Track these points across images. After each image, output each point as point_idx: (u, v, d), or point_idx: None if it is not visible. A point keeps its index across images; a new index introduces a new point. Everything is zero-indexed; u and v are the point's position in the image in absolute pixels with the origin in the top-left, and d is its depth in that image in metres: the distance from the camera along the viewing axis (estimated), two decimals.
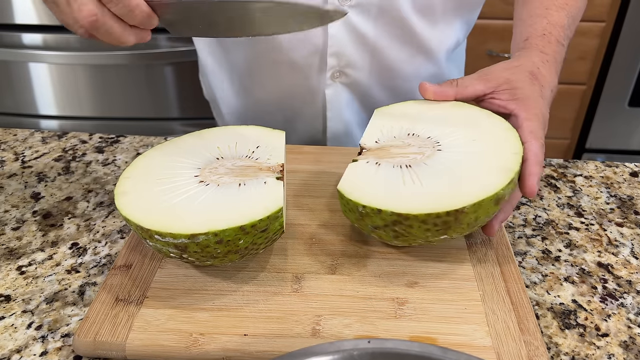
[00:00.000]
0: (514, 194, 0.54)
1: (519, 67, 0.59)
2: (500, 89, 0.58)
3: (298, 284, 0.52)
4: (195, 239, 0.45)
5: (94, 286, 0.54)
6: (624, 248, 0.60)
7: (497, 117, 0.56)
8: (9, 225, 0.62)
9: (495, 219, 0.54)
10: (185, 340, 0.46)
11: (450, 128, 0.56)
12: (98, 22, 0.48)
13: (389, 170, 0.52)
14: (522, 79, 0.58)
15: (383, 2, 0.72)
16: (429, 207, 0.47)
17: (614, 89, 1.75)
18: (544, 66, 0.60)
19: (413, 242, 0.51)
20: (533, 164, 0.52)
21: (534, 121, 0.55)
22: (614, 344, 0.48)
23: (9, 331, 0.49)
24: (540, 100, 0.57)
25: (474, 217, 0.48)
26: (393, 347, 0.36)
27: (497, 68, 0.60)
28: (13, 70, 1.61)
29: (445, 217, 0.47)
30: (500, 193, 0.48)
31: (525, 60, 0.61)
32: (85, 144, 0.77)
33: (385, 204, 0.48)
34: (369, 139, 0.57)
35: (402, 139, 0.56)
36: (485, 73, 0.59)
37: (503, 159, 0.51)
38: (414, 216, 0.47)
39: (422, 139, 0.56)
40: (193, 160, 0.54)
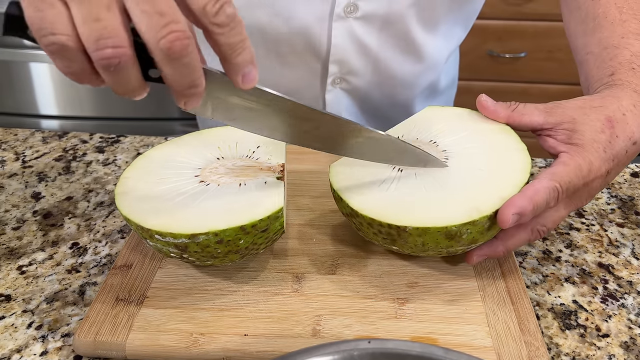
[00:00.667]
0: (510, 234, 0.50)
1: (596, 108, 0.50)
2: (560, 128, 0.50)
3: (298, 284, 0.52)
4: (196, 238, 0.45)
5: (94, 286, 0.54)
6: (625, 249, 0.59)
7: (526, 159, 0.51)
8: (9, 225, 0.62)
9: (475, 252, 0.51)
10: (185, 340, 0.46)
11: (470, 149, 0.53)
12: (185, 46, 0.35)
13: (380, 168, 0.52)
14: (591, 123, 0.49)
15: (388, 15, 0.71)
16: (376, 212, 0.48)
17: None
18: (634, 110, 0.51)
19: (370, 239, 0.51)
20: (521, 196, 0.46)
21: (569, 168, 0.48)
22: (615, 345, 0.48)
23: (9, 331, 0.49)
24: (600, 153, 0.48)
25: (420, 242, 0.47)
26: (394, 347, 0.36)
27: (570, 104, 0.52)
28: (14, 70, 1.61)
29: (387, 229, 0.47)
30: (450, 229, 0.45)
31: (611, 101, 0.51)
32: (86, 144, 0.77)
33: (348, 196, 0.50)
34: (395, 131, 0.57)
35: (420, 144, 0.55)
36: (554, 105, 0.52)
37: (482, 198, 0.47)
38: (362, 215, 0.48)
39: (437, 150, 0.54)
40: (193, 160, 0.54)
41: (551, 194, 0.47)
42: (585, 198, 0.51)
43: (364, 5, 0.70)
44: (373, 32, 0.73)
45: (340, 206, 0.52)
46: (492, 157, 0.52)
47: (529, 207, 0.46)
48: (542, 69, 1.74)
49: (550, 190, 0.46)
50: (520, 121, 0.53)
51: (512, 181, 0.49)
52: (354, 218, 0.50)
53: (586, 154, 0.49)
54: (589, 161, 0.48)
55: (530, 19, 1.66)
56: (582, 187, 0.49)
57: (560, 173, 0.47)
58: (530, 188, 0.47)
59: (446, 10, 0.74)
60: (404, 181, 0.51)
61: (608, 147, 0.49)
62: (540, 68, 1.74)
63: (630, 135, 0.50)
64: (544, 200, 0.46)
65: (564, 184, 0.47)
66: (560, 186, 0.47)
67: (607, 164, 0.49)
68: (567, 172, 0.48)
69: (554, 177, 0.47)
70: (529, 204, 0.46)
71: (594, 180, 0.49)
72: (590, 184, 0.49)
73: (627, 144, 0.50)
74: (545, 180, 0.47)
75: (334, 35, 0.72)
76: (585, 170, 0.48)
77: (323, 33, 0.72)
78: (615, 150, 0.49)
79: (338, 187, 0.51)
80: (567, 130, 0.50)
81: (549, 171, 0.48)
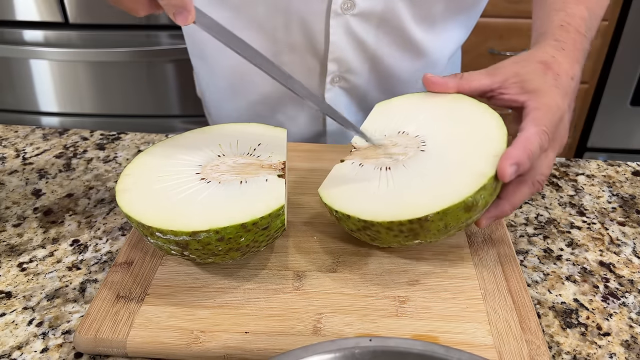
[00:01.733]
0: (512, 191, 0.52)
1: (528, 58, 0.56)
2: (509, 83, 0.55)
3: (299, 281, 0.51)
4: (197, 236, 0.45)
5: (95, 283, 0.54)
6: (626, 247, 0.59)
7: (493, 114, 0.53)
8: (10, 222, 0.62)
9: (485, 215, 0.52)
10: (186, 337, 0.46)
11: (440, 125, 0.54)
12: None
13: (369, 173, 0.52)
14: (532, 70, 0.55)
15: (384, 12, 0.72)
16: (393, 214, 0.47)
17: (616, 88, 1.74)
18: (560, 54, 0.56)
19: (389, 244, 0.51)
20: (514, 147, 0.48)
21: (543, 110, 0.51)
22: (616, 343, 0.48)
23: (10, 328, 0.49)
24: (554, 90, 0.53)
25: (442, 225, 0.47)
26: (395, 345, 0.36)
27: (506, 62, 0.57)
28: (14, 67, 1.61)
29: (409, 225, 0.47)
30: (468, 200, 0.46)
31: (537, 50, 0.57)
32: (86, 141, 0.77)
33: (354, 209, 0.49)
34: (358, 139, 0.57)
35: (392, 138, 0.55)
36: (494, 68, 0.57)
37: (481, 162, 0.48)
38: (379, 223, 0.47)
39: (410, 137, 0.54)
40: (194, 158, 0.54)
41: (542, 137, 0.50)
42: (563, 134, 0.54)
43: (360, 2, 0.70)
44: (370, 30, 0.73)
45: (346, 225, 0.51)
46: (463, 124, 0.53)
47: (524, 155, 0.48)
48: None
49: (540, 134, 0.49)
50: (470, 87, 0.56)
51: (495, 137, 0.50)
52: (368, 230, 0.49)
53: (547, 94, 0.52)
54: (553, 99, 0.52)
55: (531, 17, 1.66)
56: (559, 124, 0.53)
57: (540, 117, 0.51)
58: (520, 138, 0.49)
59: (443, 9, 0.74)
60: (396, 175, 0.51)
61: (557, 84, 0.54)
62: None
63: (567, 72, 0.55)
64: (537, 146, 0.49)
65: (547, 124, 0.50)
66: (547, 127, 0.50)
67: (565, 99, 0.54)
68: (544, 114, 0.51)
69: (537, 122, 0.50)
70: (524, 152, 0.48)
71: (564, 114, 0.53)
72: (562, 119, 0.53)
73: (568, 79, 0.55)
74: (532, 128, 0.49)
75: (331, 32, 0.72)
76: (554, 107, 0.52)
77: (321, 30, 0.72)
78: (563, 86, 0.54)
79: (340, 206, 0.50)
80: (516, 82, 0.54)
81: (529, 120, 0.51)
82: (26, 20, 1.54)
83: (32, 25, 1.55)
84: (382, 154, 0.54)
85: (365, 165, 0.53)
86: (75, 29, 1.55)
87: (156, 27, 1.55)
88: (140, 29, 1.55)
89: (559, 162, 0.74)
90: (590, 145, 1.86)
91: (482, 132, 0.52)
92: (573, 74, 0.56)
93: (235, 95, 0.83)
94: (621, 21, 1.65)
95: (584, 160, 0.75)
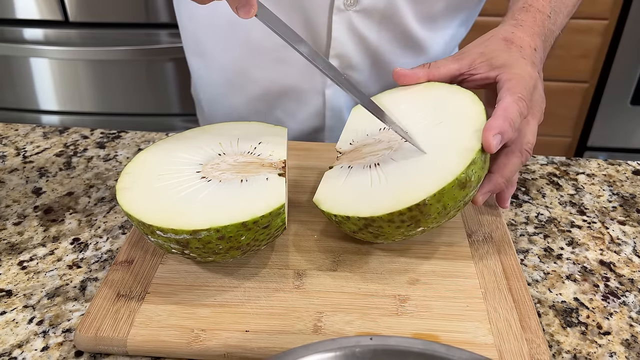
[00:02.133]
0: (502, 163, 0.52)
1: (490, 38, 0.58)
2: (477, 64, 0.56)
3: (300, 280, 0.51)
4: (197, 234, 0.45)
5: (95, 281, 0.54)
6: (626, 246, 0.59)
7: (466, 92, 0.54)
8: (10, 220, 0.62)
9: (479, 191, 0.52)
10: (186, 336, 0.46)
11: (418, 114, 0.55)
12: None
13: (359, 173, 0.52)
14: (496, 47, 0.56)
15: (386, 9, 0.72)
16: (390, 206, 0.47)
17: (616, 88, 1.74)
18: (518, 29, 0.58)
19: (394, 239, 0.51)
20: (495, 118, 0.49)
21: (515, 79, 0.52)
22: (616, 342, 0.48)
23: (10, 326, 0.49)
24: (522, 60, 0.55)
25: (440, 207, 0.47)
26: (396, 344, 0.36)
27: (469, 46, 0.59)
28: (14, 65, 1.61)
29: (409, 213, 0.47)
30: (461, 177, 0.47)
31: (497, 30, 0.59)
32: (87, 139, 0.77)
33: (352, 209, 0.49)
34: (344, 142, 0.57)
35: (374, 136, 0.56)
36: (459, 53, 0.59)
37: (465, 138, 0.49)
38: (379, 217, 0.48)
39: (392, 131, 0.55)
40: (195, 156, 0.54)
41: (519, 104, 0.51)
42: (540, 101, 0.56)
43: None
44: (372, 26, 0.73)
45: (346, 227, 0.51)
46: (440, 108, 0.54)
47: (506, 123, 0.49)
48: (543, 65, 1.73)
49: (517, 101, 0.50)
50: (439, 74, 0.57)
51: (473, 113, 0.51)
52: (370, 227, 0.49)
53: (516, 65, 0.54)
54: (523, 69, 0.54)
55: None
56: (534, 91, 0.54)
57: (514, 86, 0.52)
58: (499, 108, 0.50)
59: (444, 6, 0.74)
60: (387, 169, 0.51)
61: (523, 55, 0.55)
62: None
63: (529, 44, 0.57)
64: (517, 112, 0.50)
65: (523, 91, 0.51)
66: (522, 94, 0.51)
67: (534, 67, 0.55)
68: (518, 82, 0.52)
69: (512, 91, 0.51)
70: (504, 121, 0.49)
71: (537, 82, 0.54)
72: (536, 87, 0.54)
73: (531, 51, 0.57)
74: (508, 97, 0.51)
75: (334, 28, 0.72)
76: (526, 76, 0.53)
77: (323, 26, 0.73)
78: (529, 56, 0.56)
79: (338, 210, 0.50)
80: (483, 61, 0.56)
81: (504, 91, 0.52)
82: (26, 19, 1.54)
83: (32, 23, 1.55)
84: (368, 152, 0.54)
85: (354, 167, 0.53)
86: (76, 27, 1.55)
87: (156, 26, 1.54)
88: (140, 28, 1.54)
89: (560, 161, 0.74)
90: (591, 144, 1.86)
91: (460, 111, 0.52)
92: (535, 45, 0.58)
93: (234, 92, 0.83)
94: (621, 20, 1.65)
95: (584, 160, 0.75)
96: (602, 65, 1.73)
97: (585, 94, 1.78)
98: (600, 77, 1.75)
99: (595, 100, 1.79)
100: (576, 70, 1.73)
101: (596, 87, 1.77)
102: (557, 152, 1.88)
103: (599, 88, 1.76)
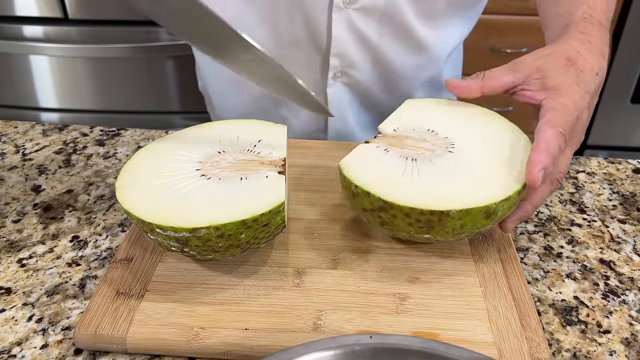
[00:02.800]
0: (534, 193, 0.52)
1: (552, 54, 0.55)
2: (531, 79, 0.54)
3: (299, 278, 0.51)
4: (197, 232, 0.45)
5: (94, 279, 0.54)
6: (626, 245, 0.59)
7: (521, 135, 0.54)
8: (9, 218, 0.62)
9: (510, 218, 0.52)
10: (186, 334, 0.46)
11: (469, 133, 0.55)
12: None
13: (394, 159, 0.52)
14: (555, 66, 0.54)
15: (386, 7, 0.71)
16: (415, 201, 0.47)
17: (616, 86, 1.74)
18: (585, 48, 0.55)
19: (397, 233, 0.51)
20: (538, 152, 0.48)
21: (559, 110, 0.51)
22: (616, 341, 0.48)
23: (10, 324, 0.49)
24: (575, 88, 0.52)
25: (459, 224, 0.48)
26: (395, 342, 0.36)
27: (528, 57, 0.56)
28: (13, 63, 1.60)
29: (428, 216, 0.47)
30: (491, 207, 0.47)
31: (562, 45, 0.56)
32: (86, 137, 0.77)
33: (375, 188, 0.49)
34: (388, 125, 0.57)
35: (420, 133, 0.56)
36: (515, 63, 0.56)
37: (508, 174, 0.50)
38: (399, 206, 0.47)
39: (438, 137, 0.55)
40: (194, 154, 0.54)
41: (559, 139, 0.49)
42: (580, 132, 0.54)
43: None
44: (372, 24, 0.73)
45: (362, 203, 0.50)
46: (492, 136, 0.54)
47: (549, 159, 0.48)
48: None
49: (558, 135, 0.49)
50: (494, 86, 0.55)
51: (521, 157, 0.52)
52: (384, 212, 0.49)
53: (566, 93, 0.52)
54: (571, 98, 0.52)
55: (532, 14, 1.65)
56: (576, 123, 0.52)
57: (556, 118, 0.50)
58: (540, 143, 0.49)
59: (445, 4, 0.74)
60: (422, 167, 0.51)
61: (579, 82, 0.53)
62: None
63: (591, 68, 0.54)
64: (557, 147, 0.49)
65: (564, 125, 0.50)
66: (563, 129, 0.50)
67: (585, 97, 0.53)
68: (561, 114, 0.50)
69: (554, 124, 0.50)
70: (547, 156, 0.48)
71: (582, 113, 0.52)
72: (580, 118, 0.52)
73: (592, 75, 0.54)
74: (549, 130, 0.49)
75: (334, 26, 0.72)
76: (571, 107, 0.51)
77: (323, 24, 0.72)
78: (585, 83, 0.53)
79: (361, 183, 0.50)
80: (538, 79, 0.54)
81: (544, 122, 0.50)
82: (26, 16, 1.54)
83: (31, 20, 1.55)
84: (409, 145, 0.54)
85: (391, 152, 0.53)
86: (75, 25, 1.55)
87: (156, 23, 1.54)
88: (140, 25, 1.54)
89: None
90: (590, 143, 1.86)
91: (510, 148, 0.53)
92: (598, 69, 0.55)
93: (239, 89, 0.83)
94: (622, 19, 1.65)
95: (584, 158, 0.75)
96: None
97: None
98: None
99: None
100: None
101: None
102: None
103: None
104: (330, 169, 0.67)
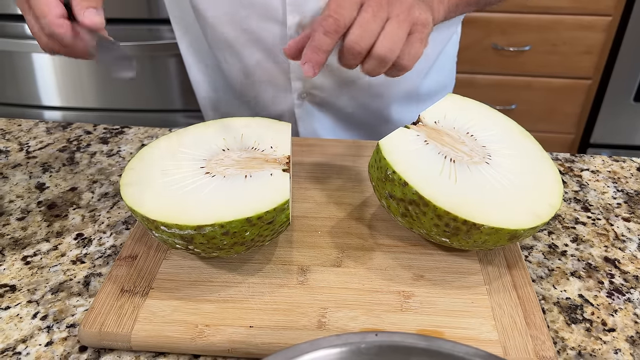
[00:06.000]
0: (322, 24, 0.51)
1: None
2: None
3: (304, 276, 0.51)
4: (202, 230, 0.45)
5: (99, 277, 0.54)
6: (631, 243, 0.59)
7: (554, 167, 0.54)
8: (13, 216, 0.62)
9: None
10: (190, 331, 0.46)
11: (507, 149, 0.55)
12: None
13: (433, 154, 0.52)
14: None
15: None
16: (451, 205, 0.47)
17: (620, 84, 1.74)
18: None
19: (417, 228, 0.51)
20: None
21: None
22: (621, 339, 0.48)
23: (15, 321, 0.49)
24: None
25: (483, 239, 0.48)
26: (401, 340, 0.36)
27: None
28: (16, 61, 1.60)
29: (459, 224, 0.47)
30: (519, 232, 0.48)
31: None
32: (90, 135, 0.77)
33: (414, 181, 0.48)
34: (430, 116, 0.56)
35: (460, 134, 0.55)
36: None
37: (539, 204, 0.50)
38: (434, 206, 0.47)
39: (477, 144, 0.54)
40: (199, 152, 0.54)
41: (325, 24, 0.50)
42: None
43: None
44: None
45: (391, 189, 0.49)
46: (527, 161, 0.54)
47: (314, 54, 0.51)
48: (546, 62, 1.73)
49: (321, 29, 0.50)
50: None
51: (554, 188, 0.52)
52: (414, 206, 0.48)
53: None
54: None
55: (535, 12, 1.65)
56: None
57: (326, 7, 0.50)
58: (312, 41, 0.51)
59: None
60: (459, 171, 0.51)
61: None
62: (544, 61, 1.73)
63: None
64: (322, 36, 0.50)
65: (333, 9, 0.50)
66: (331, 12, 0.50)
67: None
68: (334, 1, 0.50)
69: (323, 14, 0.50)
70: (312, 52, 0.51)
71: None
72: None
73: None
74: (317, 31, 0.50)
75: None
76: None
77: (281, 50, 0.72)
78: None
79: (400, 170, 0.49)
80: None
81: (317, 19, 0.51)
82: None
83: None
84: (447, 143, 0.53)
85: (430, 145, 0.52)
86: None
87: (158, 21, 1.54)
88: (142, 23, 1.54)
89: (564, 157, 0.74)
90: (593, 141, 1.85)
91: (543, 178, 0.53)
92: None
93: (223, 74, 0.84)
94: (625, 17, 1.64)
95: (588, 156, 0.75)
96: (605, 62, 1.72)
97: (589, 90, 1.77)
98: (603, 74, 1.75)
99: (598, 97, 1.78)
100: (579, 67, 1.73)
101: (599, 84, 1.76)
102: (559, 148, 1.88)
103: (602, 85, 1.76)
104: (333, 166, 0.67)
